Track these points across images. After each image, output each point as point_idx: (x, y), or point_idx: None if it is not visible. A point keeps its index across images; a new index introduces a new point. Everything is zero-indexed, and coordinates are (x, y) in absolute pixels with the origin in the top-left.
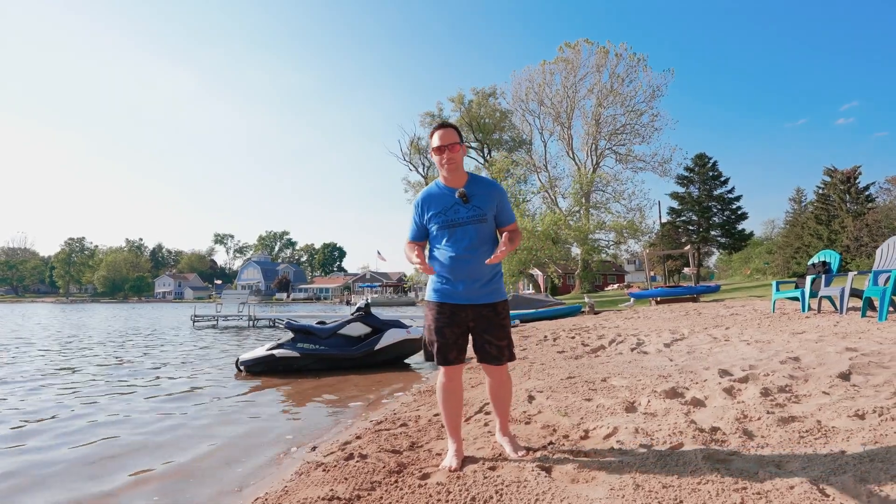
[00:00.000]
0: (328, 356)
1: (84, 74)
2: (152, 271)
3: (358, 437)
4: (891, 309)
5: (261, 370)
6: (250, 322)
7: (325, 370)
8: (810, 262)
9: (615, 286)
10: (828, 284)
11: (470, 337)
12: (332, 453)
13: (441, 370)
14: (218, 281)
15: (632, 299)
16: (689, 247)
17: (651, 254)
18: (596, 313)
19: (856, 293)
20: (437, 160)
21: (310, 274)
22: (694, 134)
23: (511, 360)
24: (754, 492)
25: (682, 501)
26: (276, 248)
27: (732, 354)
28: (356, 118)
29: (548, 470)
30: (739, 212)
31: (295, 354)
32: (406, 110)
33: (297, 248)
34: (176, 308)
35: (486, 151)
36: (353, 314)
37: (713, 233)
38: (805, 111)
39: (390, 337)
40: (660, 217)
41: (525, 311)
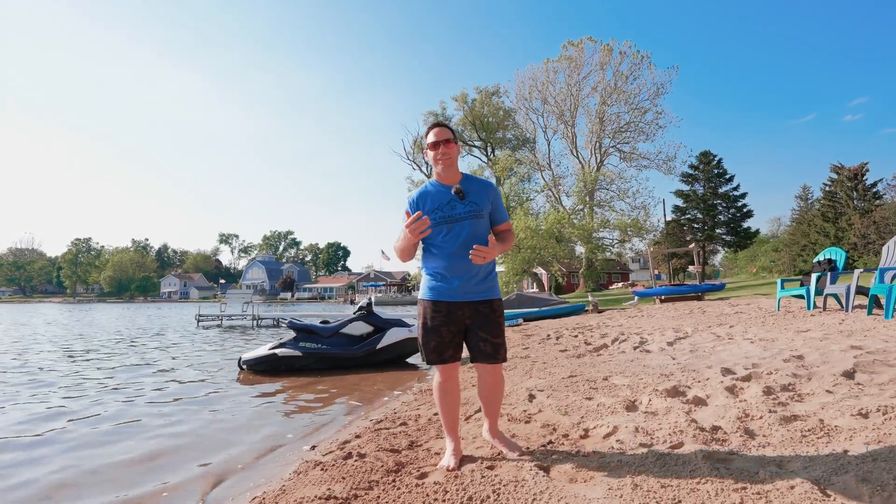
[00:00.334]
0: (330, 355)
1: (91, 76)
2: (158, 271)
3: (357, 437)
4: None
5: (263, 369)
6: (254, 322)
7: (327, 369)
8: (815, 260)
9: (619, 285)
10: (833, 282)
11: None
12: (331, 452)
13: (437, 369)
14: (223, 280)
15: (636, 298)
16: (694, 245)
17: (655, 252)
18: (599, 312)
19: (862, 291)
20: (433, 156)
21: (314, 273)
22: (698, 133)
23: (504, 361)
24: (754, 492)
25: (681, 501)
26: (281, 248)
27: (736, 353)
28: (360, 118)
29: (546, 469)
30: (745, 209)
31: (297, 354)
32: (410, 110)
33: (302, 248)
34: (181, 308)
35: (490, 150)
36: (355, 313)
37: (718, 231)
38: (813, 107)
39: (392, 336)
40: (664, 215)
41: (528, 310)
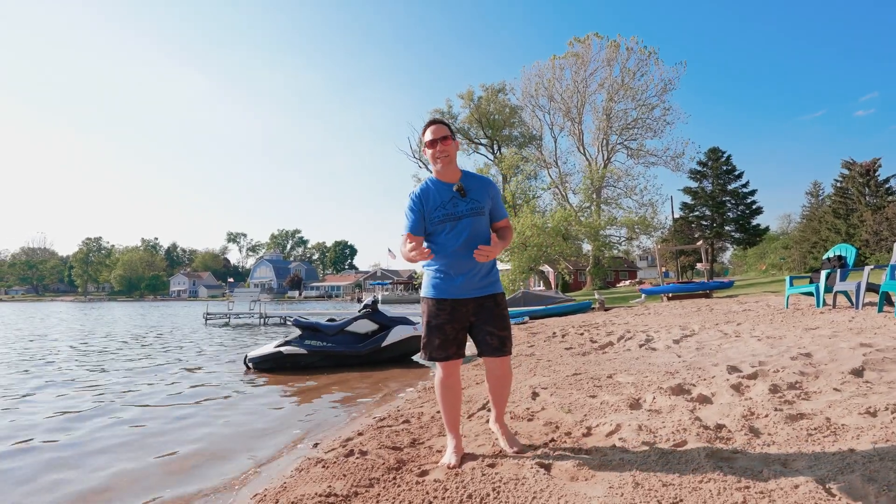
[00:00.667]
0: (335, 353)
1: (101, 76)
2: (167, 270)
3: (360, 434)
4: None
5: (268, 367)
6: (261, 320)
7: (332, 367)
8: (825, 257)
9: (627, 282)
10: (843, 279)
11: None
12: (333, 450)
13: (439, 366)
14: (231, 279)
15: (643, 295)
16: (702, 242)
17: (663, 249)
18: (606, 310)
19: (872, 288)
20: (431, 154)
21: (321, 272)
22: (706, 130)
23: (510, 354)
24: (757, 491)
25: (683, 500)
26: (289, 247)
27: (742, 350)
28: (367, 117)
29: (547, 467)
30: (754, 206)
31: (302, 351)
32: (416, 108)
33: (309, 247)
34: (190, 306)
35: (496, 148)
36: (361, 311)
37: (727, 228)
38: (823, 103)
39: (397, 334)
40: (672, 212)
41: (535, 308)
